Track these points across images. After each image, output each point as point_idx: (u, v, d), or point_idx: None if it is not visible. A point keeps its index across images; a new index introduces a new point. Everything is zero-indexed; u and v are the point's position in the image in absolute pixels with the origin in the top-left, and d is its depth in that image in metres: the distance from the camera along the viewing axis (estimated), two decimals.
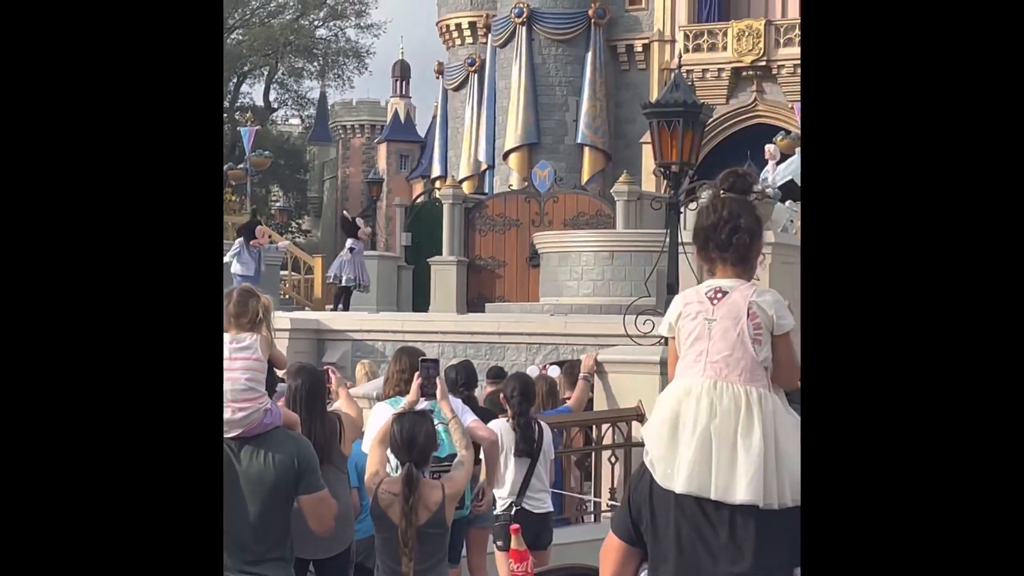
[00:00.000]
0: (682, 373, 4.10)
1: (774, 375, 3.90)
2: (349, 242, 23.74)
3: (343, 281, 23.37)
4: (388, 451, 6.34)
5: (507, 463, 8.54)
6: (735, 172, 4.13)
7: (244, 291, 5.73)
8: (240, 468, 5.17)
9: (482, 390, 11.92)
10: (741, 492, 3.75)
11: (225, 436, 5.18)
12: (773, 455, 3.83)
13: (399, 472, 6.23)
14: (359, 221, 24.34)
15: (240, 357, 5.31)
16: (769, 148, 22.45)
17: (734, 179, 4.02)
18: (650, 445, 4.05)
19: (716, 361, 3.95)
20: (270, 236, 25.04)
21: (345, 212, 30.34)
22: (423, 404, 6.67)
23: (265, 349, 5.48)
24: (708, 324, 4.00)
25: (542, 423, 8.91)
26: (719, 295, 4.01)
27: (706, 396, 3.93)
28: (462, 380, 9.37)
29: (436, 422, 6.57)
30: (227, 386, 5.17)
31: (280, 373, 8.43)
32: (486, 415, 8.77)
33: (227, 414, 5.15)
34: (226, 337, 5.45)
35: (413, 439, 6.14)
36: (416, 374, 6.77)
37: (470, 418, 7.40)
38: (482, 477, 7.63)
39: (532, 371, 13.19)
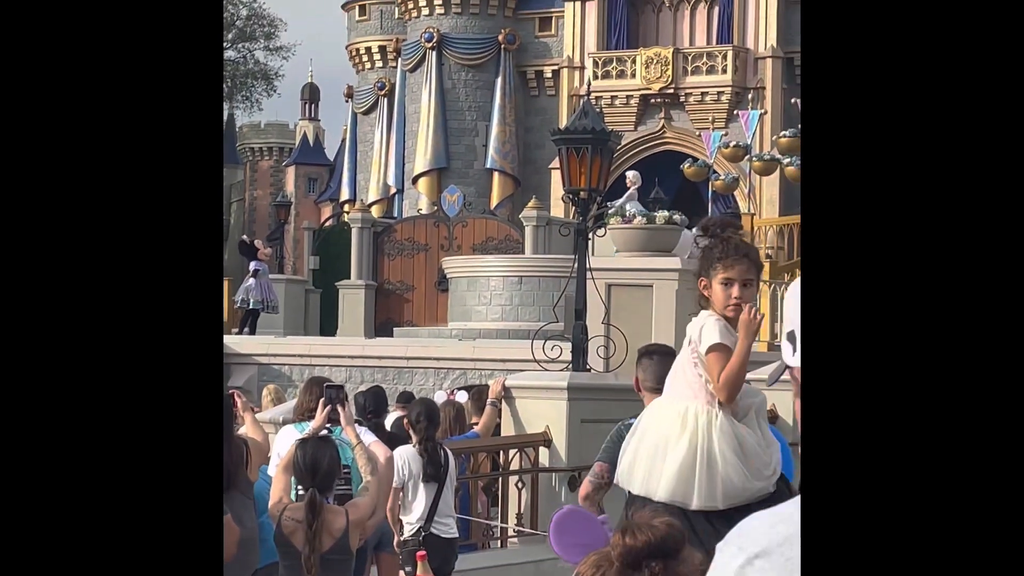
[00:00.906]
0: None
1: (715, 390, 4.64)
2: (253, 264, 23.47)
3: (251, 304, 23.11)
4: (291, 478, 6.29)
5: (415, 489, 8.50)
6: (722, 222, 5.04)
7: None
8: None
9: (390, 415, 11.86)
10: (660, 492, 4.60)
11: None
12: (701, 463, 4.39)
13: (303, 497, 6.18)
14: (258, 242, 24.02)
15: None
16: (629, 175, 22.98)
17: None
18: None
19: (667, 384, 4.84)
20: None
21: (244, 237, 29.95)
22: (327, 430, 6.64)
23: None
24: None
25: (447, 448, 8.89)
26: None
27: (657, 412, 4.81)
28: (371, 407, 9.32)
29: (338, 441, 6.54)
30: None
31: None
32: (394, 440, 8.73)
33: None
34: None
35: (316, 464, 6.10)
36: (321, 400, 6.73)
37: (369, 438, 7.37)
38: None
39: (439, 396, 13.16)
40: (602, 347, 12.07)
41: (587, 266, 12.25)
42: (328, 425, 6.65)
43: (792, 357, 1.90)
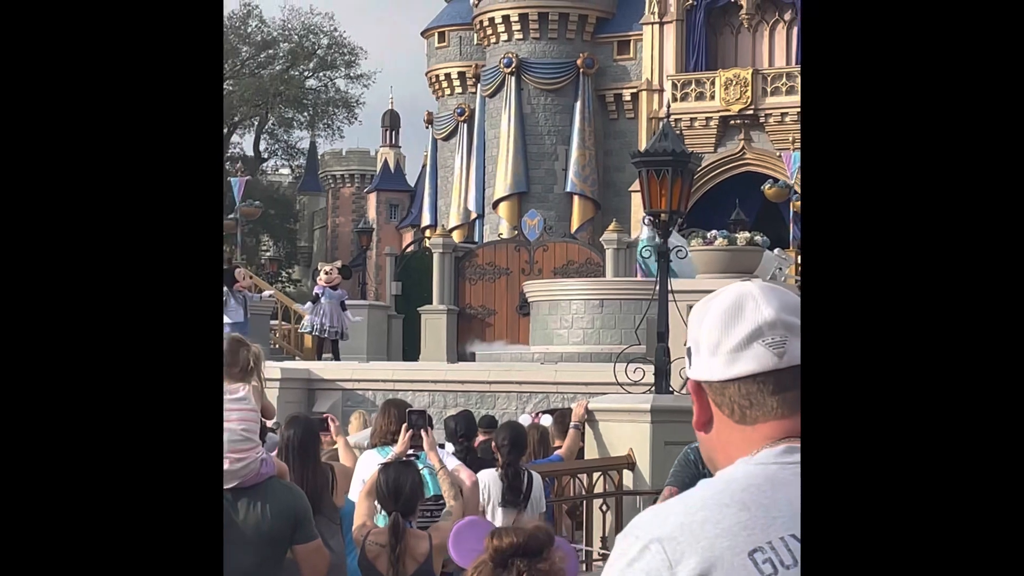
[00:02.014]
0: None
1: None
2: (316, 289, 23.26)
3: (316, 331, 23.03)
4: (376, 502, 6.32)
5: (494, 513, 8.50)
6: None
7: (234, 341, 5.74)
8: (237, 518, 5.16)
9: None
10: None
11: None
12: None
13: (386, 522, 6.21)
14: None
15: (235, 408, 5.30)
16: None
17: None
18: None
19: None
20: (251, 277, 24.71)
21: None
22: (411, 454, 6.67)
23: (258, 399, 5.48)
24: None
25: (532, 473, 8.88)
26: None
27: None
28: (461, 430, 9.34)
29: (421, 466, 6.55)
30: (224, 437, 5.17)
31: (269, 424, 8.41)
32: (480, 464, 8.74)
33: (224, 465, 5.14)
34: None
35: (399, 489, 6.12)
36: (404, 425, 6.76)
37: (453, 462, 7.38)
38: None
39: (524, 420, 13.16)
40: (684, 369, 12.01)
41: (668, 288, 12.21)
42: (411, 451, 6.68)
43: (688, 369, 2.07)
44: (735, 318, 1.98)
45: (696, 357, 2.04)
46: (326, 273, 22.74)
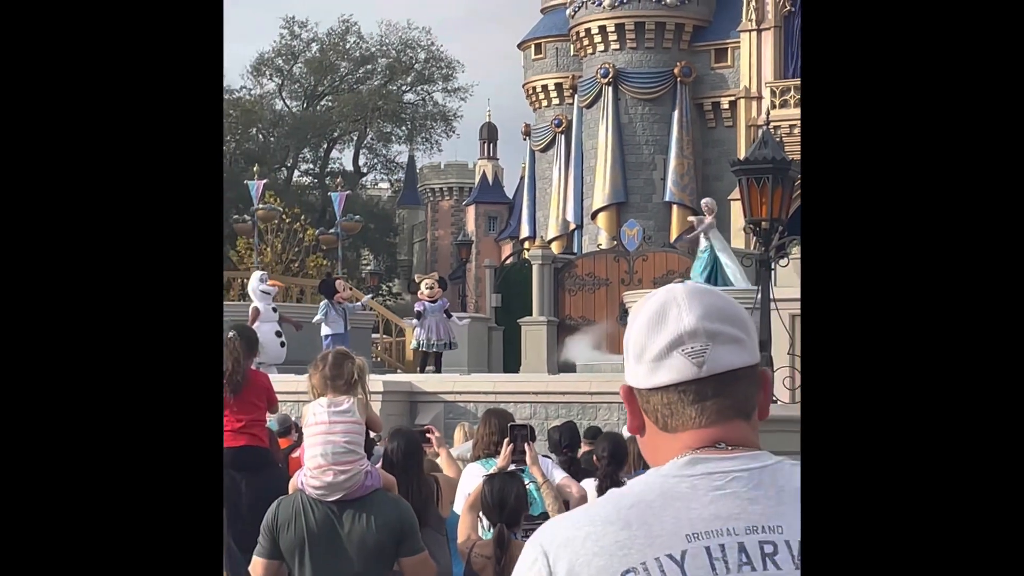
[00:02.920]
0: None
1: None
2: (417, 306, 23.38)
3: (423, 346, 23.17)
4: (480, 514, 6.34)
5: None
6: None
7: (339, 354, 5.80)
8: (342, 531, 5.20)
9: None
10: None
11: (327, 499, 5.23)
12: None
13: (491, 534, 6.23)
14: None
15: (340, 420, 5.35)
16: (705, 202, 23.33)
17: None
18: None
19: None
20: (350, 288, 24.90)
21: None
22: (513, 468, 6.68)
23: (362, 411, 5.53)
24: None
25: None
26: None
27: None
28: (566, 441, 9.35)
29: (527, 481, 6.56)
30: (328, 449, 5.23)
31: (374, 436, 8.47)
32: (584, 475, 8.74)
33: (329, 477, 5.19)
34: (324, 400, 5.51)
35: (504, 500, 6.14)
36: (506, 440, 6.77)
37: (560, 475, 7.38)
38: None
39: (627, 431, 13.13)
40: (788, 378, 11.92)
41: (771, 297, 12.12)
42: (514, 466, 6.69)
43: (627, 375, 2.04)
44: (658, 324, 1.95)
45: (626, 361, 2.02)
46: (428, 288, 22.82)
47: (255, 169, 37.08)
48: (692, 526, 1.84)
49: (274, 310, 21.59)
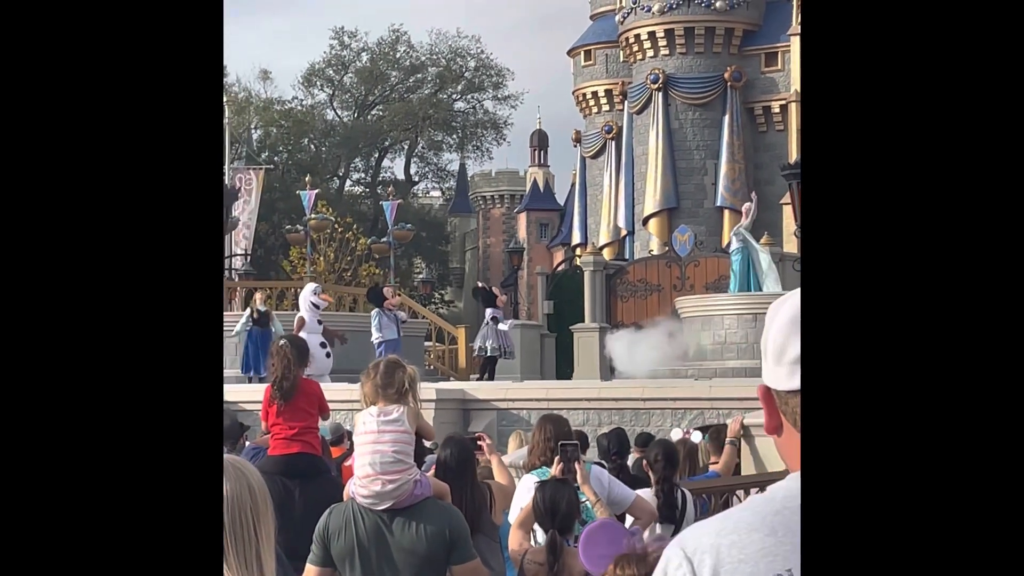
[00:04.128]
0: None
1: None
2: (489, 312, 23.75)
3: (488, 351, 23.41)
4: (533, 527, 6.35)
5: (653, 529, 8.48)
6: None
7: (390, 363, 5.82)
8: (392, 539, 5.23)
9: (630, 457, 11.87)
10: None
11: (377, 508, 5.26)
12: None
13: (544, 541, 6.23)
14: (495, 289, 24.33)
15: (388, 430, 5.38)
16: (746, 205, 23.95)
17: None
18: None
19: None
20: (399, 295, 25.07)
21: (479, 283, 30.32)
22: None
23: (412, 420, 5.55)
24: None
25: (685, 490, 8.84)
26: None
27: None
28: (614, 448, 9.34)
29: (583, 499, 6.57)
30: (376, 459, 5.26)
31: (428, 444, 8.49)
32: (636, 482, 8.73)
33: (377, 487, 5.22)
34: (374, 409, 5.54)
35: (556, 506, 6.14)
36: (556, 459, 6.78)
37: (629, 494, 7.37)
38: None
39: (675, 434, 13.11)
40: None
41: None
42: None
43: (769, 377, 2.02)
44: (799, 327, 1.94)
45: (764, 362, 2.02)
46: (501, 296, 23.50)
47: (307, 179, 37.31)
48: None
49: (319, 322, 21.73)
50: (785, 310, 1.99)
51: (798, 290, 1.97)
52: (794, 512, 1.86)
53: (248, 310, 22.01)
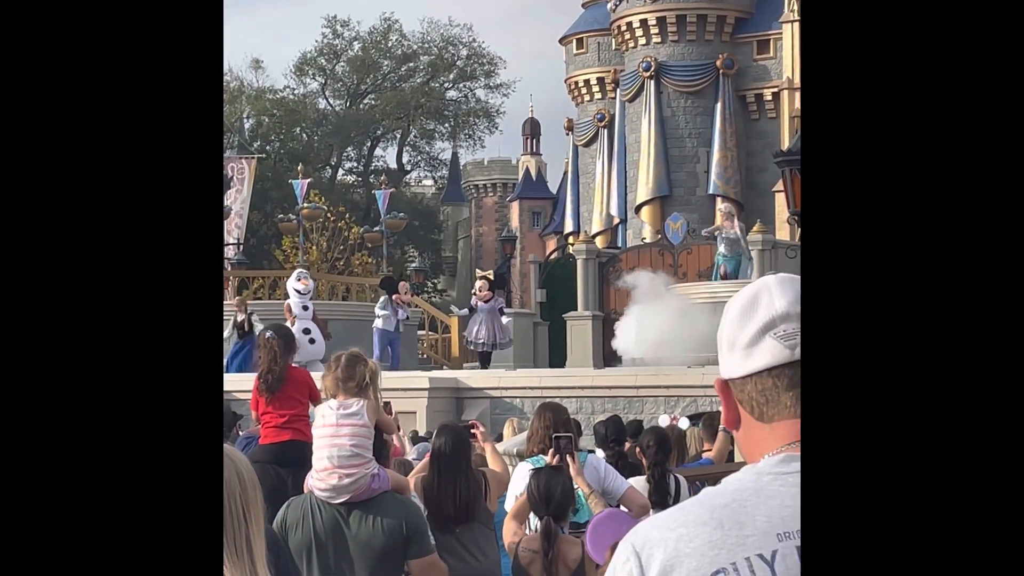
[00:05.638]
0: None
1: None
2: (484, 306, 23.40)
3: (476, 347, 23.26)
4: (529, 515, 6.37)
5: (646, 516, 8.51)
6: None
7: (352, 356, 5.79)
8: (349, 533, 5.24)
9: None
10: None
11: (334, 501, 5.28)
12: None
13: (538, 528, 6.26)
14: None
15: (347, 423, 5.39)
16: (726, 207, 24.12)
17: None
18: None
19: None
20: (408, 294, 25.00)
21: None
22: None
23: (372, 414, 5.53)
24: None
25: (679, 476, 8.87)
26: None
27: None
28: (612, 436, 9.35)
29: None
30: (334, 452, 5.28)
31: (421, 433, 8.49)
32: (631, 469, 8.75)
33: (334, 480, 5.24)
34: (333, 403, 5.54)
35: (550, 493, 6.17)
36: (551, 451, 6.80)
37: (622, 485, 7.38)
38: None
39: (663, 420, 13.15)
40: None
41: None
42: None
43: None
44: (750, 312, 1.97)
45: (720, 355, 2.02)
46: (479, 288, 23.10)
47: (299, 168, 37.26)
48: (784, 525, 1.83)
49: (305, 308, 21.65)
50: (736, 302, 2.01)
51: (751, 283, 2.01)
52: (742, 505, 1.86)
53: (232, 319, 21.61)
